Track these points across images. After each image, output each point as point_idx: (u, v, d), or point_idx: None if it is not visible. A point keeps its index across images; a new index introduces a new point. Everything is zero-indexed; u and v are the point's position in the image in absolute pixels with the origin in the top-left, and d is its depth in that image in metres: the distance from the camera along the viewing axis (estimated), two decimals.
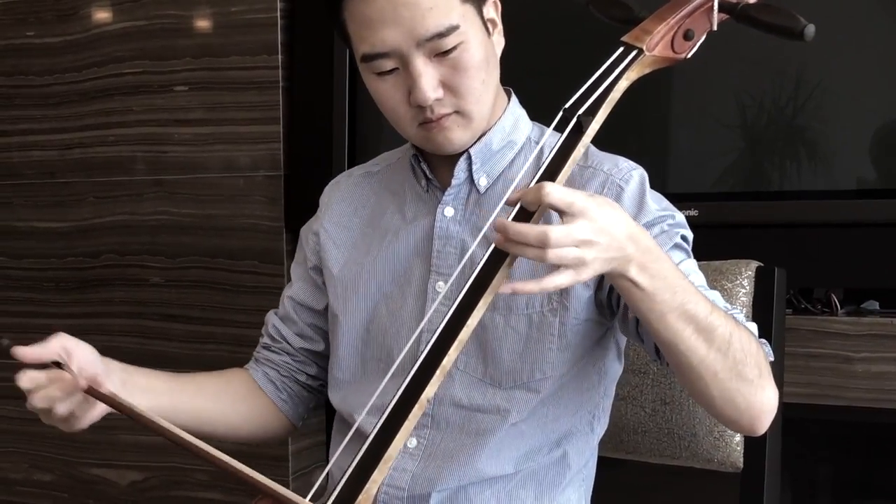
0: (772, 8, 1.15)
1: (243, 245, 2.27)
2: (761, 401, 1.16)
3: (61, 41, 2.40)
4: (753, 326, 1.23)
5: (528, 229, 1.00)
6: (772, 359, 1.22)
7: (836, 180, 1.90)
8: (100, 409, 1.22)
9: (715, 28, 1.17)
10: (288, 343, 1.47)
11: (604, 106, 1.11)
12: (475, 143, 1.29)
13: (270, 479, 1.06)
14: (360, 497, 1.01)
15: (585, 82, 1.13)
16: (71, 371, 1.17)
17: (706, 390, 1.14)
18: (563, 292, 1.26)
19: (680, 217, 1.30)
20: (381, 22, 1.19)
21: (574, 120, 1.10)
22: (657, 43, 1.15)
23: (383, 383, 1.09)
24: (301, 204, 2.21)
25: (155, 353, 2.35)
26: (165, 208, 2.34)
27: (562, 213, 1.01)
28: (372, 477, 1.01)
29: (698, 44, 1.18)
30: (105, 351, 1.26)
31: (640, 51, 1.15)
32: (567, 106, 1.12)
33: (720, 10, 1.16)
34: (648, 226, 1.25)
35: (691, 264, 1.27)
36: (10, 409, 2.51)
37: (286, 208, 2.23)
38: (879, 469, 2.17)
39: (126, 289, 2.38)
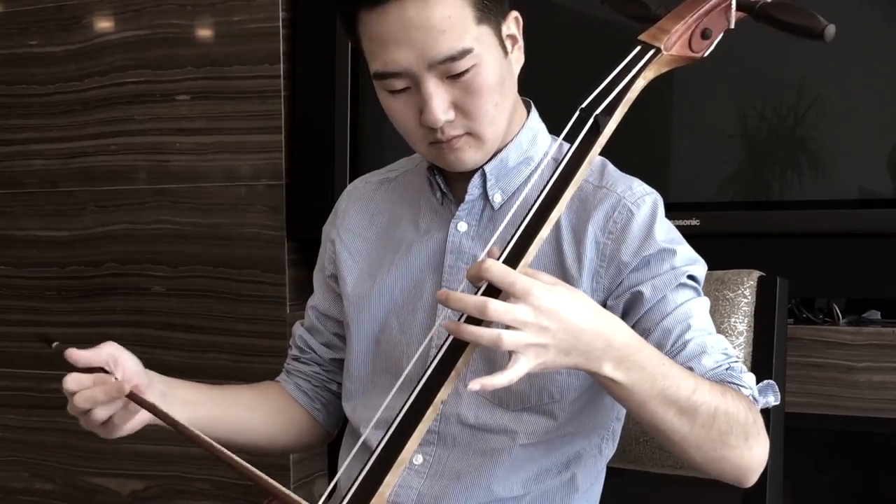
0: (791, 7, 1.12)
1: (245, 254, 2.27)
2: (748, 460, 1.17)
3: (63, 50, 2.41)
4: (750, 378, 1.21)
5: (468, 298, 0.99)
6: (776, 402, 1.23)
7: (837, 190, 1.90)
8: (138, 419, 1.22)
9: (732, 26, 1.15)
10: (316, 353, 1.47)
11: (621, 105, 1.10)
12: (491, 159, 1.28)
13: None
14: (373, 500, 1.00)
15: (602, 81, 1.11)
16: (115, 377, 1.19)
17: (690, 459, 1.16)
18: None
19: (686, 253, 1.27)
20: (394, 42, 1.17)
21: (591, 120, 1.09)
22: (675, 42, 1.13)
23: (389, 397, 1.09)
24: (303, 213, 2.21)
25: (156, 362, 2.30)
26: (167, 217, 2.34)
27: (508, 294, 1.00)
28: (385, 480, 1.01)
29: (715, 42, 1.16)
30: None
31: (658, 50, 1.12)
32: (584, 105, 1.10)
33: (738, 8, 1.14)
34: (652, 258, 1.24)
35: (698, 304, 1.25)
36: (12, 419, 2.51)
37: (288, 217, 2.23)
38: (882, 478, 2.17)
39: (127, 298, 2.38)
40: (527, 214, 1.06)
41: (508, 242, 1.05)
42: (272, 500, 1.08)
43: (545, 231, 1.05)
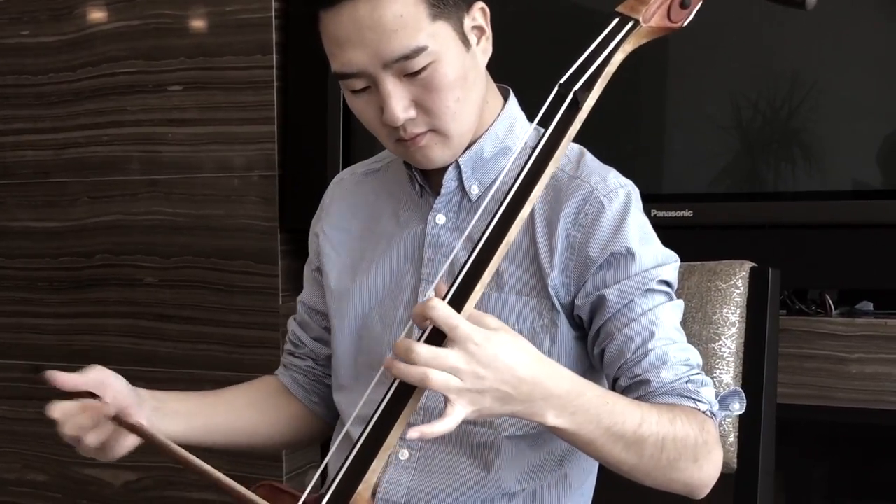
0: None
1: (238, 245, 2.27)
2: (698, 479, 1.18)
3: (56, 40, 2.40)
4: (709, 392, 1.22)
5: (400, 342, 0.99)
6: (741, 410, 1.25)
7: (830, 181, 1.90)
8: (133, 440, 1.22)
9: None
10: (308, 348, 1.46)
11: (600, 80, 1.08)
12: (465, 150, 1.27)
13: (265, 479, 1.06)
14: (360, 487, 1.00)
15: (579, 57, 1.09)
16: (102, 400, 1.19)
17: (641, 481, 1.17)
18: (553, 308, 1.25)
19: (657, 253, 1.25)
20: (348, 42, 1.16)
21: (570, 95, 1.07)
22: (654, 13, 1.11)
23: (368, 391, 1.09)
24: (296, 204, 2.21)
25: (148, 354, 2.35)
26: (160, 208, 2.33)
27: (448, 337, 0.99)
28: (371, 466, 1.00)
29: (694, 11, 1.14)
30: (99, 351, 1.27)
31: (637, 22, 1.11)
32: (562, 81, 1.08)
33: None
34: (621, 259, 1.22)
35: (666, 310, 1.23)
36: (5, 409, 2.51)
37: (281, 208, 2.23)
38: (873, 470, 2.17)
39: (120, 289, 2.38)
40: (502, 202, 1.05)
41: (467, 260, 1.03)
42: (258, 488, 1.08)
43: (514, 231, 1.04)
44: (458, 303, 1.01)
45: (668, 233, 1.33)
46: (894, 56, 1.85)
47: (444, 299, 1.01)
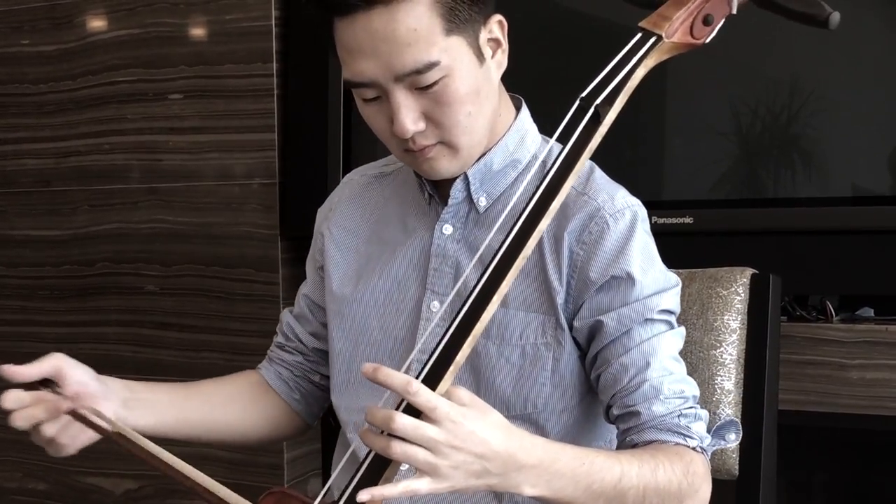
0: None
1: (238, 253, 2.27)
2: None
3: (56, 49, 2.40)
4: (700, 427, 1.21)
5: (376, 410, 0.99)
6: (736, 441, 1.27)
7: (830, 187, 1.90)
8: (90, 434, 1.21)
9: (734, 12, 1.13)
10: (301, 342, 1.46)
11: (622, 94, 1.08)
12: (475, 162, 1.26)
13: (266, 487, 1.06)
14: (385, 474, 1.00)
15: (601, 71, 1.09)
16: (58, 392, 1.17)
17: None
18: (558, 327, 1.24)
19: (659, 279, 1.24)
20: (360, 52, 1.16)
21: (592, 109, 1.07)
22: (676, 29, 1.11)
23: (363, 402, 1.09)
24: (296, 211, 2.21)
25: (149, 361, 2.35)
26: (160, 216, 2.34)
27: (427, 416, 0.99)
28: (386, 475, 1.00)
29: (717, 29, 1.14)
30: (100, 359, 1.27)
31: (659, 37, 1.11)
32: (584, 95, 1.08)
33: None
34: (622, 282, 1.22)
35: (665, 340, 1.22)
36: (4, 419, 2.50)
37: (281, 216, 2.23)
38: (874, 476, 2.17)
39: (121, 297, 2.38)
40: (520, 215, 1.05)
41: (482, 275, 1.03)
42: (268, 495, 1.08)
43: (532, 242, 1.04)
44: (449, 354, 1.01)
45: (668, 240, 1.33)
46: (893, 62, 1.85)
47: (441, 339, 1.01)
